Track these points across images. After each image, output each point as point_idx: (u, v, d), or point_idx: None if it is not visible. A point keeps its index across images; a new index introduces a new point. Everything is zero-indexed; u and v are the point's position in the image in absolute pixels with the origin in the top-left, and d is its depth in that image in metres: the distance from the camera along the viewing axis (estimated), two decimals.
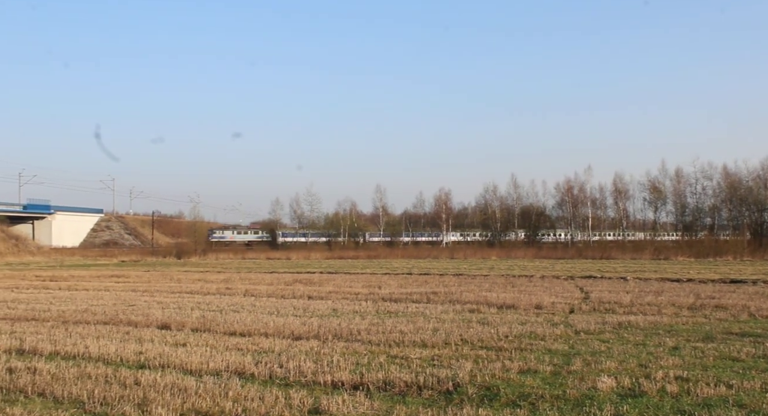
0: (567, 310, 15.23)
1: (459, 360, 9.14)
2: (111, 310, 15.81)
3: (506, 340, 10.88)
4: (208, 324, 12.99)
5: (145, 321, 13.70)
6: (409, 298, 18.26)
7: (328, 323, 12.97)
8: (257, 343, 10.78)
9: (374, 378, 8.00)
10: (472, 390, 7.47)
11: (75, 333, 12.16)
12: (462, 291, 20.00)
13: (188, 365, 8.99)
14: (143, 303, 17.87)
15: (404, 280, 26.54)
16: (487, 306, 16.11)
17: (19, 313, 15.60)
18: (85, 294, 21.13)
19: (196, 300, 18.73)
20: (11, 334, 12.11)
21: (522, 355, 9.54)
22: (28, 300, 19.35)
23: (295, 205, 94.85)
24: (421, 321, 13.28)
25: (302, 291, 20.89)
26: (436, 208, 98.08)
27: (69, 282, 28.05)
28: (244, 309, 15.85)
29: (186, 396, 7.29)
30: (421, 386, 7.69)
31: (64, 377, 8.32)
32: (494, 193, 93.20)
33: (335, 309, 15.77)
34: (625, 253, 52.07)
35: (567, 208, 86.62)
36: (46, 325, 13.47)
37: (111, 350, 10.15)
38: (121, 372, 8.62)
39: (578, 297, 18.13)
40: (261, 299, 18.89)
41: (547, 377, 8.14)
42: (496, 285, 23.21)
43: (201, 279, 28.90)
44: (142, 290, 22.79)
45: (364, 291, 20.92)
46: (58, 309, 16.40)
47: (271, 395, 7.28)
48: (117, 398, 7.23)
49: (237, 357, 9.42)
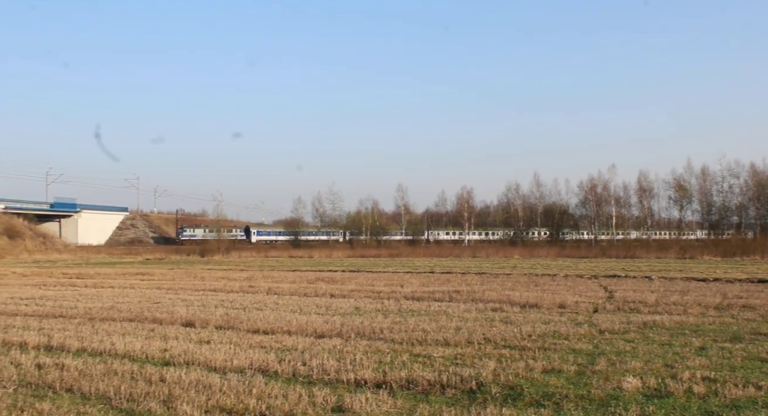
0: (591, 309, 15.10)
1: (482, 359, 9.11)
2: (136, 307, 15.98)
3: (529, 339, 10.81)
4: (232, 322, 13.08)
5: (169, 318, 13.84)
6: (431, 297, 18.22)
7: (350, 321, 13.00)
8: (280, 341, 10.83)
9: (397, 377, 8.00)
10: (495, 389, 7.44)
11: (101, 330, 12.32)
12: (484, 290, 19.92)
13: (212, 362, 9.06)
14: (168, 300, 18.04)
15: (426, 279, 26.51)
16: (510, 305, 16.03)
17: (47, 310, 15.84)
18: (111, 292, 21.39)
19: (220, 297, 18.87)
20: (40, 331, 12.30)
21: (546, 355, 9.48)
22: (55, 297, 19.64)
23: (318, 204, 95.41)
24: (443, 320, 13.25)
25: (324, 290, 20.96)
26: (458, 206, 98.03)
27: (95, 279, 28.42)
28: (267, 307, 15.93)
29: (210, 393, 7.35)
30: (444, 385, 7.67)
31: (91, 373, 8.43)
32: (517, 192, 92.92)
33: (358, 308, 15.79)
34: (649, 252, 51.44)
35: (590, 206, 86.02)
36: (74, 322, 13.65)
37: (136, 347, 10.26)
38: (146, 368, 8.71)
39: (602, 297, 17.97)
40: (284, 297, 18.98)
41: (572, 377, 8.07)
42: (519, 284, 23.08)
43: (224, 277, 29.11)
44: (167, 288, 23.01)
45: (386, 289, 20.93)
46: (85, 306, 16.63)
47: (294, 393, 7.31)
48: (143, 394, 7.31)
49: (260, 355, 9.47)
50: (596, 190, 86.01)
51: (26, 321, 13.80)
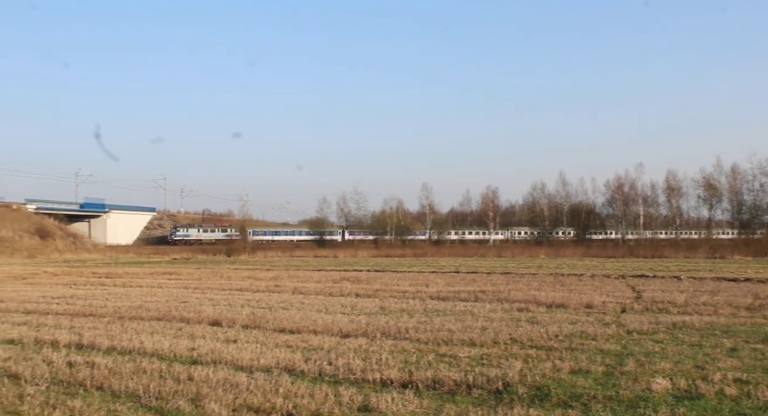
0: (618, 310, 14.93)
1: (508, 360, 9.05)
2: (164, 307, 16.16)
3: (556, 340, 10.73)
4: (258, 321, 13.16)
5: (196, 317, 13.97)
6: (456, 297, 18.17)
7: (376, 321, 13.00)
8: (306, 340, 10.88)
9: (423, 377, 7.99)
10: (522, 389, 7.39)
11: (130, 329, 12.48)
12: (510, 290, 19.81)
13: (239, 361, 9.13)
14: (195, 300, 18.22)
15: (451, 279, 26.43)
16: (536, 305, 15.91)
17: (77, 309, 16.09)
18: (139, 291, 21.65)
19: (246, 297, 19.00)
20: (70, 329, 12.50)
21: (573, 355, 9.39)
22: (85, 296, 19.94)
23: (342, 204, 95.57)
24: (469, 320, 13.20)
25: (350, 289, 21.00)
26: (483, 206, 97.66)
27: (123, 279, 28.80)
28: (293, 307, 16.01)
29: (238, 391, 7.41)
30: (471, 385, 7.64)
31: (120, 371, 8.54)
32: (542, 191, 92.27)
33: (383, 307, 15.80)
34: (678, 252, 50.74)
35: (617, 205, 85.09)
36: (103, 321, 13.85)
37: (165, 345, 10.37)
38: (174, 367, 8.80)
39: (630, 297, 17.76)
40: (309, 296, 19.05)
41: (600, 377, 7.99)
42: (545, 283, 22.91)
43: (250, 276, 29.31)
44: (194, 287, 23.23)
45: (411, 289, 20.91)
46: (114, 305, 16.86)
47: (320, 392, 7.33)
48: (171, 393, 7.38)
49: (287, 354, 9.52)
50: (623, 189, 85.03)
51: (57, 320, 14.03)
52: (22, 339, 11.37)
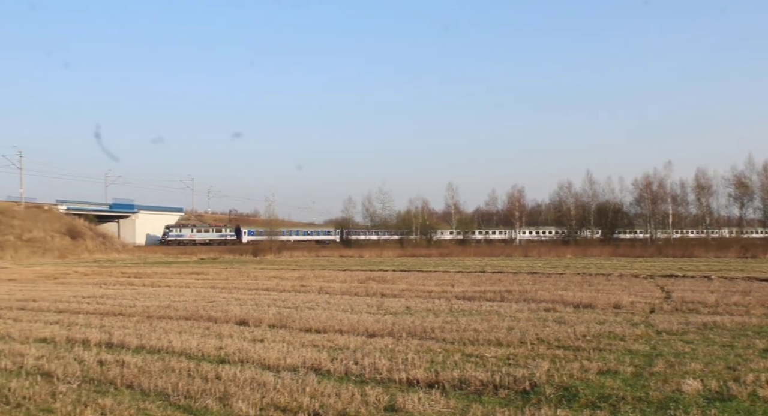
0: (647, 310, 14.74)
1: (535, 360, 8.99)
2: (192, 306, 16.33)
3: (584, 340, 10.63)
4: (285, 321, 13.23)
5: (224, 317, 14.09)
6: (482, 296, 18.09)
7: (401, 321, 13.00)
8: (332, 340, 10.91)
9: (449, 377, 7.96)
10: (549, 390, 7.33)
11: (159, 328, 12.63)
12: (537, 290, 19.67)
13: (266, 360, 9.19)
14: (222, 299, 18.38)
15: (477, 278, 26.32)
16: (563, 305, 15.78)
17: (107, 308, 16.34)
18: (168, 291, 21.91)
19: (272, 297, 19.12)
20: (101, 328, 12.69)
21: (601, 355, 9.30)
22: (115, 295, 20.23)
23: (368, 203, 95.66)
24: (495, 320, 13.14)
25: (375, 289, 21.02)
26: (509, 205, 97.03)
27: (152, 278, 29.16)
28: (319, 306, 16.07)
29: (265, 391, 7.45)
30: (497, 385, 7.60)
31: (150, 370, 8.65)
32: (569, 190, 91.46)
33: (408, 307, 15.79)
34: (708, 251, 49.92)
35: (646, 204, 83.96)
36: (132, 320, 14.04)
37: (193, 345, 10.48)
38: (202, 366, 8.89)
39: (659, 297, 17.53)
40: (335, 296, 19.11)
41: (628, 378, 7.90)
42: (572, 283, 22.71)
43: (276, 276, 29.49)
44: (221, 287, 23.44)
45: (437, 289, 20.87)
46: (143, 304, 17.08)
47: (347, 391, 7.35)
48: (199, 391, 7.46)
49: (313, 354, 9.56)
50: (651, 188, 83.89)
51: (88, 319, 14.26)
52: (54, 338, 11.58)
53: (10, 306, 17.30)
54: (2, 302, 18.32)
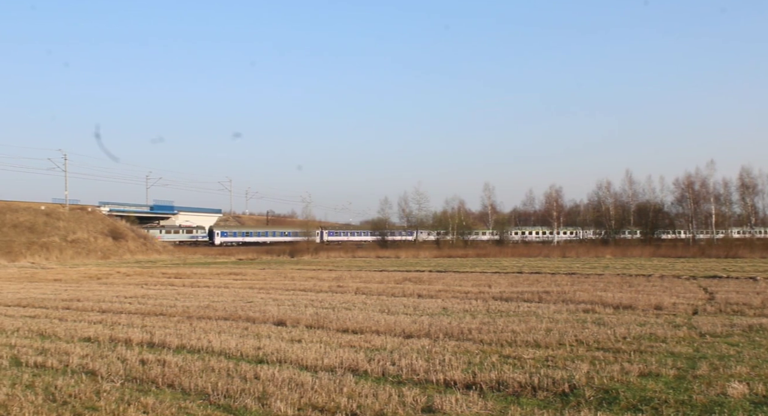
0: (690, 311, 14.44)
1: (574, 362, 8.88)
2: (230, 306, 16.53)
3: (624, 342, 10.46)
4: (322, 321, 13.30)
5: (262, 317, 14.23)
6: (520, 297, 17.93)
7: (438, 321, 12.97)
8: (369, 341, 10.93)
9: (487, 378, 7.91)
10: (589, 392, 7.23)
11: (198, 328, 12.81)
12: (575, 291, 19.43)
13: (304, 361, 9.25)
14: (260, 300, 18.56)
15: (514, 279, 26.10)
16: (603, 306, 15.55)
17: (148, 308, 16.64)
18: (207, 291, 22.21)
19: (309, 297, 19.24)
20: (142, 328, 12.93)
21: (642, 358, 9.14)
22: (156, 296, 20.59)
23: (404, 204, 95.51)
24: (533, 321, 13.01)
25: (412, 290, 21.00)
26: (547, 205, 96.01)
27: (191, 279, 29.61)
28: (356, 307, 16.12)
29: (303, 391, 7.51)
30: (536, 387, 7.53)
31: (190, 369, 8.78)
32: (608, 190, 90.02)
33: (445, 308, 15.74)
34: (753, 252, 48.63)
35: (688, 204, 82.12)
36: (173, 320, 14.27)
37: (232, 345, 10.61)
38: (241, 366, 8.99)
39: (702, 298, 17.15)
40: (371, 297, 19.15)
41: (671, 381, 7.75)
42: (612, 284, 22.36)
43: (313, 277, 29.67)
44: (259, 287, 23.67)
45: (473, 289, 20.76)
46: (183, 305, 17.35)
47: (384, 392, 7.36)
48: (239, 391, 7.54)
49: (350, 354, 9.59)
50: (694, 187, 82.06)
51: (130, 319, 14.54)
52: (98, 337, 11.84)
53: (56, 305, 17.75)
54: (48, 302, 18.81)
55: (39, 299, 19.79)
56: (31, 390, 7.87)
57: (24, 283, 28.65)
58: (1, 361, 9.75)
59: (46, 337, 12.15)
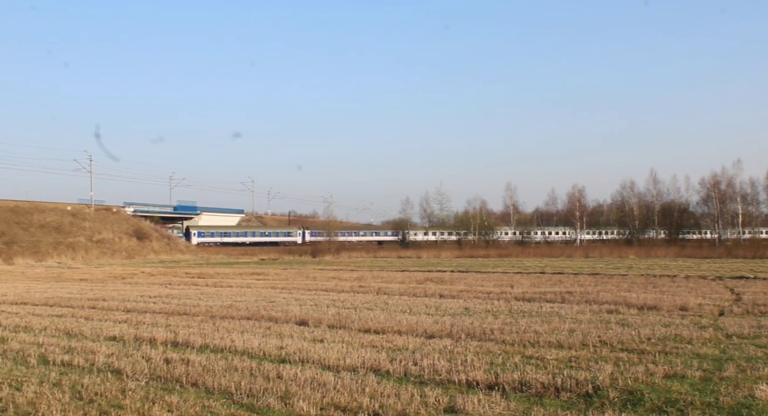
0: (716, 312, 14.24)
1: (598, 363, 8.80)
2: (253, 306, 16.63)
3: (649, 343, 10.35)
4: (344, 321, 13.33)
5: (284, 317, 14.29)
6: (542, 298, 17.83)
7: (460, 322, 12.93)
8: (391, 341, 10.93)
9: (509, 379, 7.88)
10: (613, 393, 7.17)
11: (221, 328, 12.90)
12: (599, 291, 19.26)
13: (326, 360, 9.28)
14: (282, 299, 18.66)
15: (537, 279, 25.95)
16: (627, 306, 15.40)
17: (172, 308, 16.80)
18: (229, 291, 22.37)
19: (331, 297, 19.30)
20: (167, 327, 13.06)
21: (667, 359, 9.03)
22: (179, 295, 20.78)
23: (425, 204, 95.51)
24: (556, 322, 12.93)
25: (433, 290, 20.97)
26: (569, 205, 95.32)
27: (214, 279, 29.83)
28: (377, 307, 16.13)
29: (325, 390, 7.53)
30: (559, 388, 7.47)
31: (213, 369, 8.85)
32: (632, 190, 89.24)
33: (467, 308, 15.69)
34: None
35: (713, 204, 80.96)
36: (196, 319, 14.39)
37: (254, 344, 10.67)
38: (264, 365, 9.04)
39: (728, 299, 16.91)
40: (393, 297, 19.15)
41: (697, 383, 7.65)
42: (636, 285, 22.14)
43: (335, 277, 29.75)
44: (281, 287, 23.79)
45: (495, 290, 20.67)
46: (206, 304, 17.49)
47: (406, 392, 7.35)
48: (261, 390, 7.58)
49: (372, 354, 9.60)
50: (720, 187, 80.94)
51: (154, 318, 14.69)
52: (123, 336, 11.98)
53: (82, 305, 17.99)
54: (75, 301, 19.08)
55: (65, 298, 20.08)
56: (59, 388, 7.98)
57: (51, 283, 29.09)
58: (29, 359, 9.90)
59: (73, 336, 12.32)
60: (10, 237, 57.64)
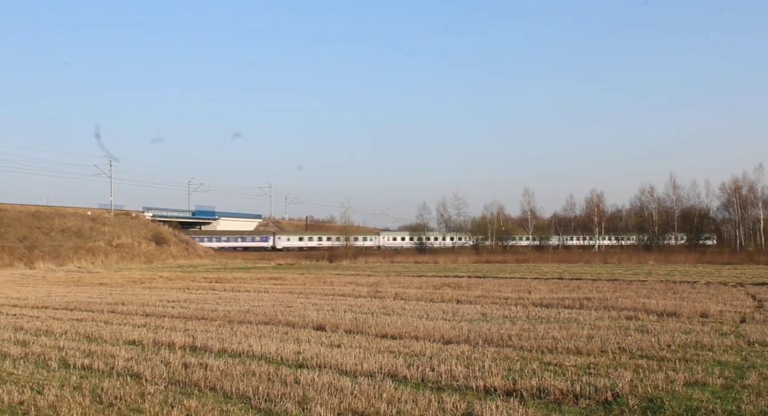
0: (737, 319, 14.07)
1: (617, 369, 8.73)
2: (270, 311, 16.68)
3: (669, 350, 10.24)
4: (361, 326, 13.34)
5: (301, 322, 14.33)
6: (560, 304, 17.72)
7: (478, 327, 12.89)
8: (408, 346, 10.92)
9: (527, 385, 7.83)
10: (633, 401, 7.10)
11: (239, 332, 12.96)
12: (617, 297, 19.10)
13: (343, 366, 9.28)
14: (299, 304, 18.70)
15: (555, 285, 25.79)
16: (646, 313, 15.25)
17: (190, 312, 16.89)
18: (247, 296, 22.47)
19: (348, 302, 19.31)
20: (185, 332, 13.14)
21: (687, 366, 8.93)
22: (197, 300, 20.90)
23: (442, 209, 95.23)
24: (574, 328, 12.84)
25: (451, 295, 20.91)
26: (588, 210, 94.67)
27: (232, 283, 29.96)
28: (395, 312, 16.12)
29: (342, 396, 7.53)
30: (578, 395, 7.42)
31: (231, 373, 8.89)
32: (651, 195, 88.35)
33: (484, 314, 15.63)
34: None
35: (734, 209, 79.99)
36: (214, 324, 14.47)
37: (272, 349, 10.70)
38: (281, 370, 9.06)
39: (750, 306, 16.70)
40: (410, 302, 19.12)
41: (718, 390, 7.56)
42: (655, 291, 21.93)
43: (352, 282, 29.76)
44: (298, 292, 23.84)
45: (513, 295, 20.58)
46: (224, 309, 17.57)
47: (423, 398, 7.33)
48: (279, 395, 7.60)
49: (389, 360, 9.59)
50: (741, 192, 79.93)
51: (173, 323, 14.79)
52: (142, 340, 12.07)
53: (102, 309, 18.16)
54: (95, 305, 19.26)
55: (85, 302, 20.27)
56: (79, 391, 8.06)
57: (71, 287, 29.40)
58: (50, 363, 10.01)
59: (93, 340, 12.44)
60: (31, 241, 58.37)
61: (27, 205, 67.63)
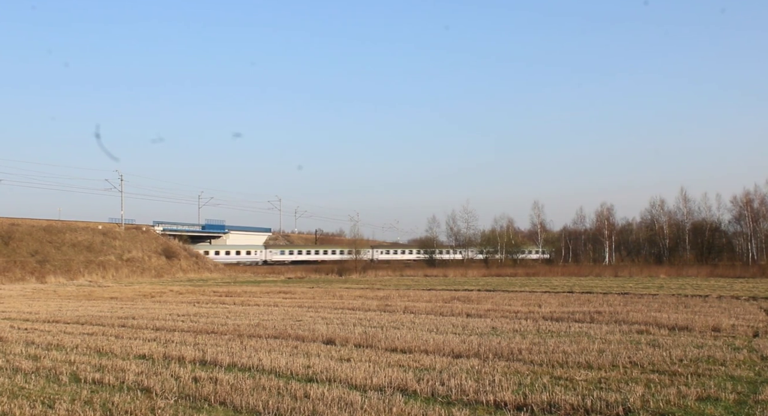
0: (750, 334, 13.95)
1: (628, 384, 8.68)
2: (280, 325, 16.69)
3: (680, 364, 10.18)
4: (370, 340, 13.32)
5: (311, 336, 14.32)
6: (571, 317, 17.63)
7: (488, 341, 12.84)
8: (418, 360, 10.90)
9: (538, 400, 7.80)
10: None
11: (249, 346, 12.97)
12: (628, 311, 18.98)
13: (353, 380, 9.28)
14: (309, 318, 18.69)
15: (565, 299, 25.66)
16: (657, 327, 15.15)
17: (200, 326, 16.92)
18: (257, 310, 22.47)
19: (358, 316, 19.28)
20: (195, 346, 13.16)
21: (699, 381, 8.87)
22: (207, 314, 20.93)
23: (452, 222, 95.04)
24: (585, 342, 12.77)
25: (460, 309, 20.85)
26: (598, 223, 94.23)
27: (242, 297, 29.99)
28: (404, 326, 16.09)
29: (352, 410, 7.52)
30: (589, 409, 7.39)
31: (241, 387, 8.90)
32: (661, 208, 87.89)
33: (494, 328, 15.58)
34: None
35: (746, 222, 79.48)
36: (224, 338, 14.48)
37: (282, 363, 10.71)
38: (291, 384, 9.06)
39: (763, 320, 16.55)
40: (420, 316, 19.08)
41: (731, 406, 7.50)
42: (667, 305, 21.78)
43: (361, 295, 29.72)
44: (308, 306, 23.82)
45: (523, 309, 20.49)
46: (234, 323, 17.59)
47: (433, 412, 7.32)
48: (289, 410, 7.60)
49: (399, 374, 9.58)
50: (752, 205, 79.45)
51: (183, 337, 14.82)
52: (152, 355, 12.10)
53: (112, 323, 18.22)
54: (105, 319, 19.33)
55: (96, 317, 20.35)
56: (90, 406, 8.08)
57: (82, 301, 29.51)
58: (61, 377, 10.05)
59: (104, 354, 12.48)
60: (43, 255, 58.70)
61: (39, 220, 68.11)
